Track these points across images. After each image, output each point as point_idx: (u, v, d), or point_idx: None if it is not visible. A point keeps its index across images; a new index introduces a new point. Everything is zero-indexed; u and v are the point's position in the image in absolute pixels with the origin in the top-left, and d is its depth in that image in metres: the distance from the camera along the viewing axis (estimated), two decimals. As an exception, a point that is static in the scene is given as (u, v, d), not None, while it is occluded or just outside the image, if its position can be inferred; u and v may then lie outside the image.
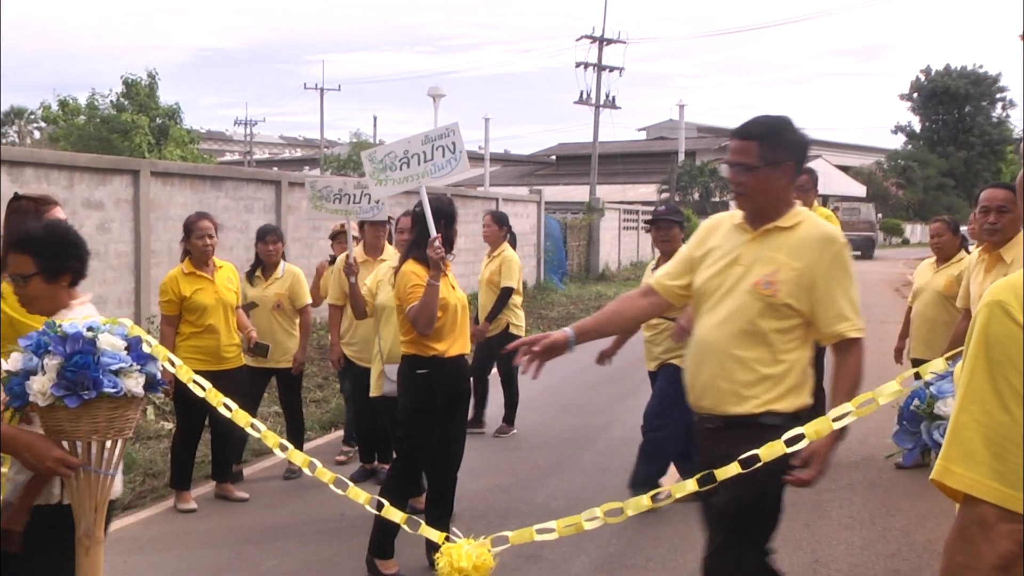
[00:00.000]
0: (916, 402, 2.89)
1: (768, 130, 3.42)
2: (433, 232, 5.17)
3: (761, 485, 3.24)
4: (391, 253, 6.99)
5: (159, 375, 3.13)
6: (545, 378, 7.90)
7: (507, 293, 8.64)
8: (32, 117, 45.42)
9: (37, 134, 44.16)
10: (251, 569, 5.46)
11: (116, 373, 2.91)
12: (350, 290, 6.72)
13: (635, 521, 6.41)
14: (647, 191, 51.94)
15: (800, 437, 2.95)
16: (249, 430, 3.20)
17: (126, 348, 2.98)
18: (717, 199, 51.86)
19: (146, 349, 3.05)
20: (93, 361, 2.88)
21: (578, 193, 41.77)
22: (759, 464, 2.93)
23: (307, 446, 7.97)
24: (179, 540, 6.03)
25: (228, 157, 66.80)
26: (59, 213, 4.30)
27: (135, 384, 2.98)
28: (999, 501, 1.48)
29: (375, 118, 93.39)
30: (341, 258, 7.22)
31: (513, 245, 9.05)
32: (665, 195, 49.98)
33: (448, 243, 5.34)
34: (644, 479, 6.50)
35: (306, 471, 3.12)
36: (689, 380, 3.59)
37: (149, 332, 11.04)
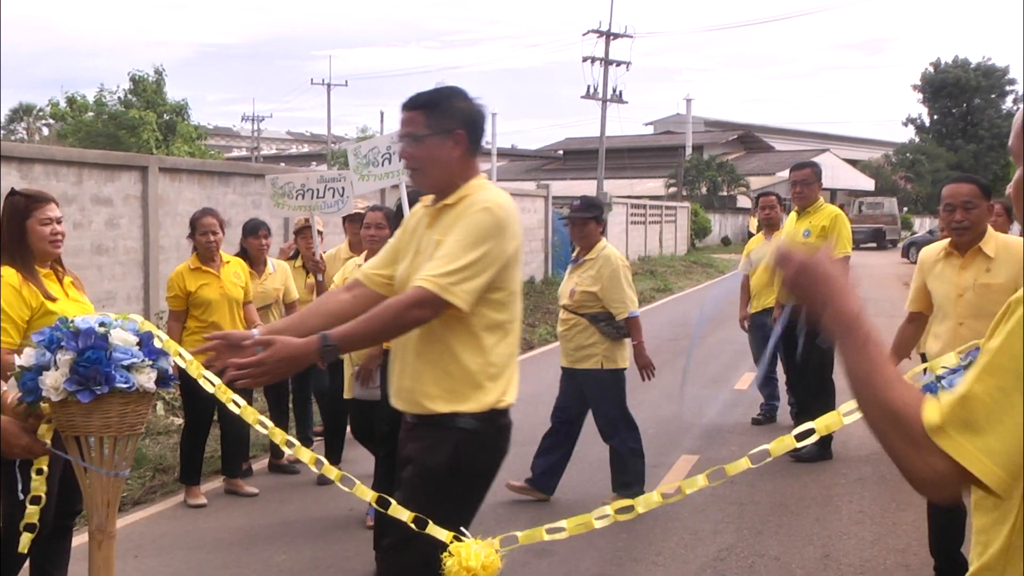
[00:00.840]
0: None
1: (435, 98, 3.22)
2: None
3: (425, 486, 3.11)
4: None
5: (171, 370, 3.13)
6: (552, 373, 7.88)
7: None
8: (40, 114, 45.54)
9: (46, 131, 44.29)
10: (261, 564, 5.47)
11: (128, 368, 2.92)
12: (316, 288, 6.70)
13: (644, 515, 6.41)
14: (654, 185, 51.88)
15: (811, 432, 2.93)
16: (257, 427, 3.20)
17: (138, 343, 2.98)
18: (725, 193, 51.82)
19: (157, 344, 3.05)
20: (105, 356, 2.88)
21: (585, 188, 41.59)
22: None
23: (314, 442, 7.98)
24: (189, 535, 6.04)
25: (235, 153, 66.84)
26: (52, 211, 4.29)
27: (147, 379, 2.99)
28: (982, 474, 1.48)
29: (382, 113, 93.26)
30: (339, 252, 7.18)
31: None
32: (672, 189, 49.95)
33: None
34: (624, 483, 6.51)
35: (313, 468, 3.11)
36: (389, 379, 3.36)
37: (158, 328, 11.10)
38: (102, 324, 2.95)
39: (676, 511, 6.36)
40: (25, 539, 3.30)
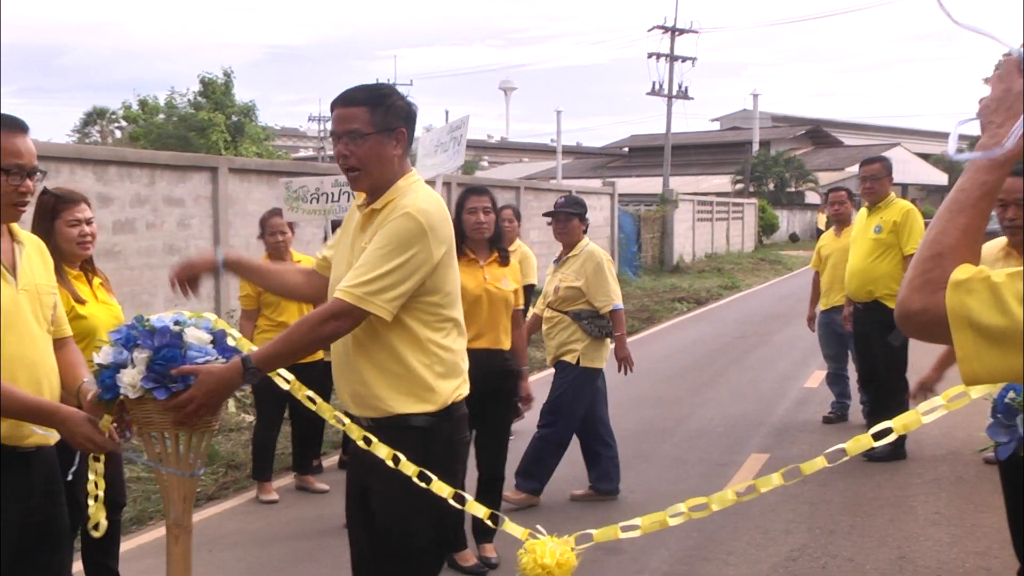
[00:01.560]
0: (1011, 395, 2.80)
1: (377, 95, 3.13)
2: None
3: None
4: None
5: None
6: (607, 376, 7.78)
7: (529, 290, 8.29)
8: (113, 117, 46.45)
9: (118, 133, 45.15)
10: (332, 560, 5.51)
11: (194, 365, 2.95)
12: None
13: (715, 514, 6.34)
14: (721, 182, 51.43)
15: (888, 431, 2.86)
16: (333, 422, 3.22)
17: (211, 341, 3.02)
18: (793, 189, 51.21)
19: (230, 342, 3.08)
20: (180, 354, 2.92)
21: (651, 185, 41.48)
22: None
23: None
24: (261, 530, 6.11)
25: (302, 153, 67.56)
26: (81, 212, 4.25)
27: None
28: (962, 351, 1.50)
29: (447, 112, 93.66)
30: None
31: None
32: (739, 186, 49.49)
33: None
34: (527, 471, 6.48)
35: (389, 463, 3.11)
36: (336, 385, 3.31)
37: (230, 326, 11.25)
38: (177, 323, 2.99)
39: (746, 510, 6.28)
40: (101, 525, 3.38)
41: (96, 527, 3.42)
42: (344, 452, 7.57)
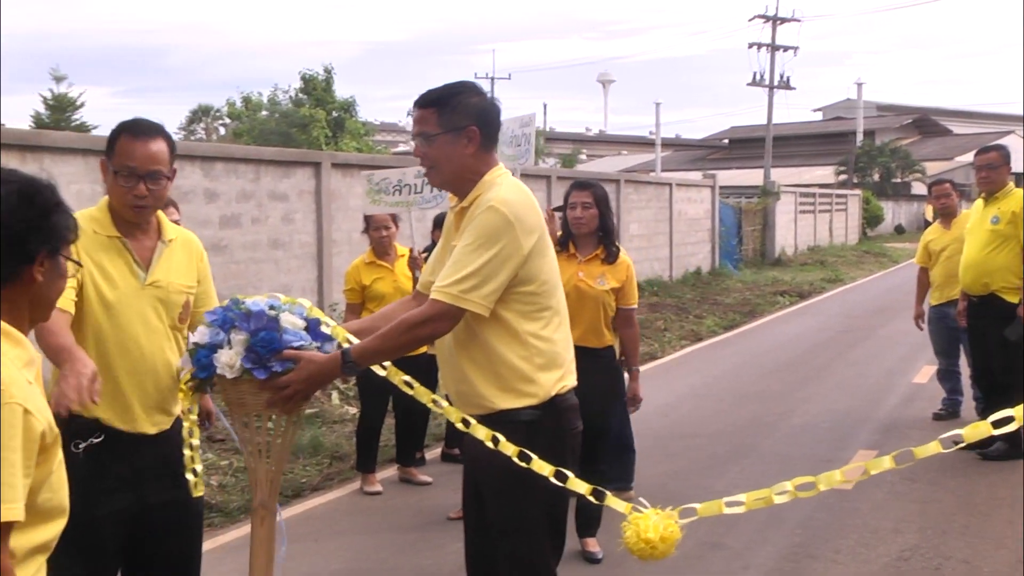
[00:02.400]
0: None
1: (445, 95, 3.14)
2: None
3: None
4: None
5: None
6: (720, 365, 7.78)
7: None
8: (217, 114, 47.49)
9: (222, 130, 46.14)
10: (435, 551, 5.55)
11: (297, 350, 2.99)
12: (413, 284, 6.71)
13: (821, 511, 6.24)
14: (823, 173, 50.43)
15: (1009, 419, 2.75)
16: (431, 405, 3.24)
17: (305, 328, 3.06)
18: (899, 179, 49.94)
19: (324, 329, 3.11)
20: (277, 338, 2.97)
21: (751, 177, 40.93)
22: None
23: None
24: (365, 521, 6.18)
25: (401, 148, 68.29)
26: (170, 215, 4.23)
27: None
28: None
29: (545, 106, 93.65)
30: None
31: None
32: (842, 177, 48.47)
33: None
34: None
35: (489, 444, 3.09)
36: (442, 384, 3.33)
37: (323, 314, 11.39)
38: (272, 307, 3.04)
39: (854, 507, 6.15)
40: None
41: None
42: (447, 445, 7.62)
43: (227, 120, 43.93)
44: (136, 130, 3.16)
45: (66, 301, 2.93)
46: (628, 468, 6.44)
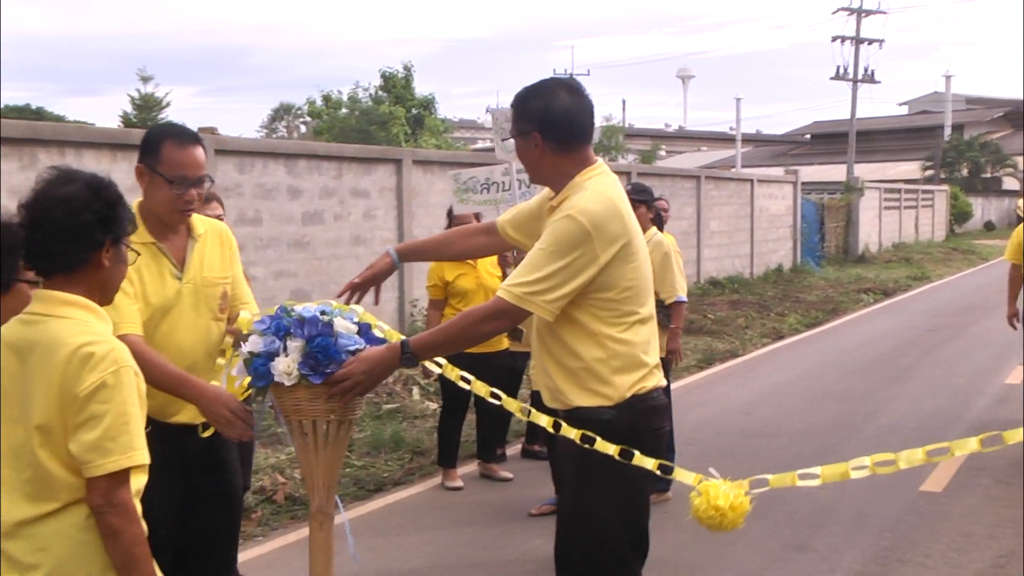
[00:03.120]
0: None
1: (517, 98, 3.18)
2: None
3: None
4: None
5: None
6: (803, 363, 7.61)
7: None
8: (298, 112, 48.17)
9: (303, 128, 46.78)
10: (517, 547, 5.55)
11: (353, 354, 3.01)
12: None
13: (911, 514, 6.11)
14: (909, 168, 49.35)
15: None
16: (519, 415, 3.23)
17: (357, 331, 3.07)
18: (988, 175, 48.68)
19: (377, 333, 3.13)
20: (333, 343, 2.99)
21: (834, 173, 40.21)
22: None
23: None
24: (446, 516, 6.20)
25: (479, 145, 68.57)
26: (214, 210, 4.34)
27: None
28: None
29: (624, 102, 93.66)
30: None
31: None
32: (929, 172, 47.41)
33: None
34: None
35: (584, 445, 3.06)
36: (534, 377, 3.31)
37: (411, 315, 11.43)
38: (323, 312, 3.05)
39: (945, 511, 6.01)
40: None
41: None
42: (527, 441, 7.62)
43: (308, 118, 44.49)
44: (182, 137, 3.28)
45: (136, 325, 3.12)
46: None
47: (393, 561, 5.41)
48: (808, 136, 65.24)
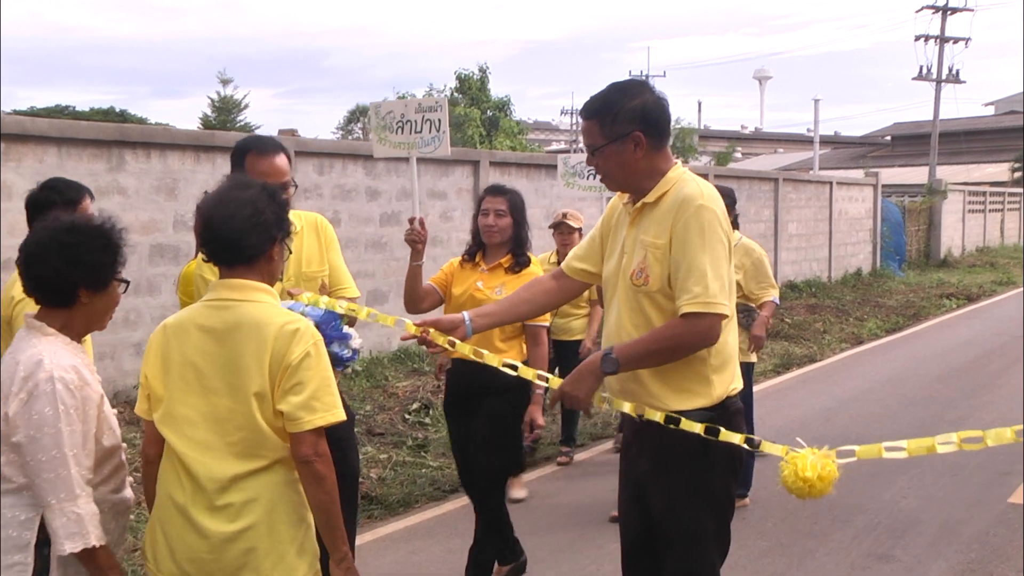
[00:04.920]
0: None
1: (604, 105, 3.06)
2: (415, 212, 4.68)
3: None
4: None
5: (342, 354, 3.27)
6: (884, 369, 7.44)
7: None
8: (375, 114, 48.57)
9: (379, 130, 47.14)
10: (595, 551, 5.51)
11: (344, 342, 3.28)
12: None
13: (1000, 526, 5.94)
14: (995, 171, 48.12)
15: None
16: (503, 368, 3.29)
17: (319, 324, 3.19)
18: (1078, 177, 47.28)
19: (338, 311, 3.28)
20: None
21: (915, 175, 39.45)
22: None
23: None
24: (522, 519, 6.15)
25: (554, 146, 68.50)
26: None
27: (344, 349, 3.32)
28: None
29: (699, 103, 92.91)
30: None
31: None
32: (1018, 174, 46.21)
33: None
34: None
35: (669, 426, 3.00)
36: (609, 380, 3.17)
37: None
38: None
39: (1035, 524, 5.83)
40: None
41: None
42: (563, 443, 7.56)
43: (384, 120, 44.87)
44: (263, 148, 3.59)
45: None
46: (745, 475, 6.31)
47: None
48: (888, 138, 64.03)
